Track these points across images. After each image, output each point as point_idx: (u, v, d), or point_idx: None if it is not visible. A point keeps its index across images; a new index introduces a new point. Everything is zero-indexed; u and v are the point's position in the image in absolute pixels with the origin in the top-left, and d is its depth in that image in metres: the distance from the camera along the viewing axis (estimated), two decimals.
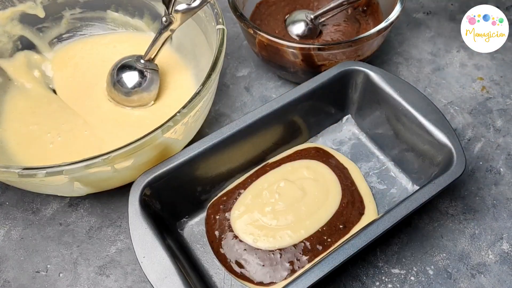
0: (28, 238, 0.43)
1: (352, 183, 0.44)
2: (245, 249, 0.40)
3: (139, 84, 0.49)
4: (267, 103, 0.42)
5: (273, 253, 0.40)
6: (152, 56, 0.49)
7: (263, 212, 0.42)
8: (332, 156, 0.46)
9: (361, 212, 0.42)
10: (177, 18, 0.44)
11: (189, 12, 0.44)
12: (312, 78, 0.44)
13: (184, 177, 0.40)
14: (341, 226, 0.41)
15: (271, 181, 0.44)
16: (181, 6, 0.44)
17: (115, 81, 0.49)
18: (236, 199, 0.43)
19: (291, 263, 0.40)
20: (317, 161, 0.46)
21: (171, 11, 0.44)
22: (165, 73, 0.52)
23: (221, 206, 0.43)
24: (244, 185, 0.44)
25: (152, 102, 0.50)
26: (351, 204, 0.43)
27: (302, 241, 0.40)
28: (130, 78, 0.49)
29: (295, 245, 0.40)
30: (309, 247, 0.40)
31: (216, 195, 0.44)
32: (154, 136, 0.36)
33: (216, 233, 0.42)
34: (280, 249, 0.40)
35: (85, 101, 0.50)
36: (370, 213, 0.43)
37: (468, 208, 0.44)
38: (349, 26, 0.56)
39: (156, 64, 0.50)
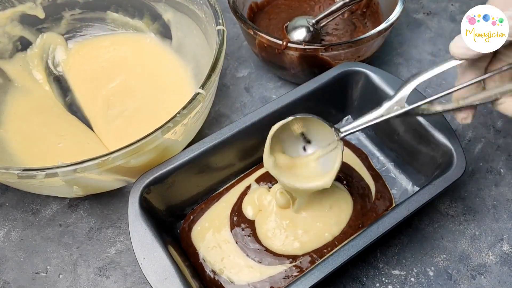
0: (27, 239, 0.43)
1: (376, 171, 0.41)
2: (214, 276, 0.37)
3: None
4: (267, 104, 0.42)
5: (248, 287, 0.36)
6: None
7: (221, 237, 0.37)
8: (347, 141, 0.43)
9: (388, 206, 0.40)
10: None
11: None
12: (312, 79, 0.44)
13: (184, 178, 0.40)
14: (360, 226, 0.38)
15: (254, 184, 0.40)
16: None
17: None
18: (206, 210, 0.40)
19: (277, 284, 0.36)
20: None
21: None
22: (164, 73, 0.52)
23: (191, 216, 0.40)
24: (228, 190, 0.41)
25: None
26: (382, 197, 0.39)
27: (288, 266, 0.36)
28: None
29: (279, 273, 0.36)
30: (301, 265, 0.36)
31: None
32: (153, 137, 0.36)
33: (184, 246, 0.39)
34: (254, 283, 0.36)
35: (85, 102, 0.50)
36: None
37: (468, 209, 0.44)
38: (342, 29, 0.55)
39: None
